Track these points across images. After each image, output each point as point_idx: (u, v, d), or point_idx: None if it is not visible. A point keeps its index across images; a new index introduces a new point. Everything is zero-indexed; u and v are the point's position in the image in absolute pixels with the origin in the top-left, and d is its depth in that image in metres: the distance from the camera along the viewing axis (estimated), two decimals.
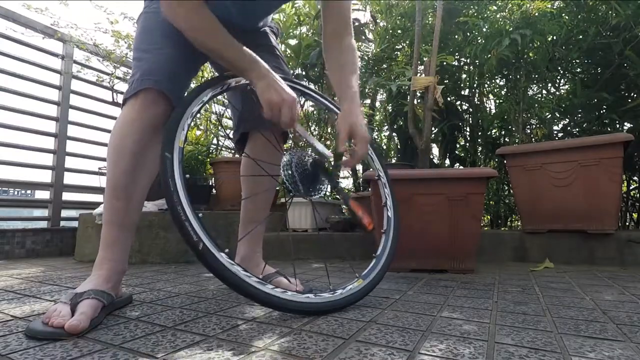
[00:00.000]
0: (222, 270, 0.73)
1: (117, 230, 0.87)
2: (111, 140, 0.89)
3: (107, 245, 0.86)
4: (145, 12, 0.98)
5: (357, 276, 0.95)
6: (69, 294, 0.75)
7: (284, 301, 0.77)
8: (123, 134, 0.87)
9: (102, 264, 0.85)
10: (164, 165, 0.76)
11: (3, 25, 2.07)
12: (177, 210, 0.73)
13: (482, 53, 2.15)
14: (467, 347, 0.62)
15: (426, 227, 1.44)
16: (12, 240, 2.02)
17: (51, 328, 0.67)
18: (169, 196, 0.74)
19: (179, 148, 0.79)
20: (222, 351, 0.60)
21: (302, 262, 1.76)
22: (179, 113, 0.83)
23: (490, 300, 0.98)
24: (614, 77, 2.16)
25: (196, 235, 0.73)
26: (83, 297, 0.75)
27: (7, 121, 2.04)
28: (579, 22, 2.18)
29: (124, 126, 0.88)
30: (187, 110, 0.84)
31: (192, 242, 0.72)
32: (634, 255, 1.62)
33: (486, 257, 1.79)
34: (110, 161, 0.88)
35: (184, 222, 0.73)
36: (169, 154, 0.77)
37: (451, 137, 2.68)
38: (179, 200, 0.74)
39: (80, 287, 0.79)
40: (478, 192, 1.41)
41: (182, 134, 0.81)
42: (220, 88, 0.92)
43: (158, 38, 0.93)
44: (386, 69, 2.75)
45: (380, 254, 1.03)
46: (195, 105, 0.86)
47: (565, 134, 2.50)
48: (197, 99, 0.87)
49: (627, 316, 0.82)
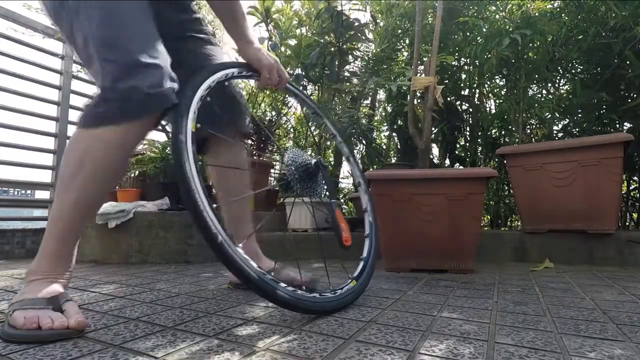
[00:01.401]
0: (240, 266, 0.70)
1: (74, 241, 0.79)
2: (96, 157, 0.75)
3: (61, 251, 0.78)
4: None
5: (349, 277, 0.97)
6: (40, 300, 0.69)
7: (297, 300, 0.75)
8: (110, 160, 0.76)
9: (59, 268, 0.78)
10: (178, 150, 0.71)
11: (3, 25, 2.07)
12: (195, 198, 0.69)
13: (482, 53, 2.15)
14: (467, 347, 0.62)
15: (426, 227, 1.44)
16: (12, 240, 2.02)
17: (52, 331, 0.65)
18: (186, 183, 0.69)
19: (191, 132, 0.75)
20: (222, 351, 0.60)
21: (303, 262, 1.76)
22: (190, 95, 0.79)
23: (490, 300, 0.98)
24: (613, 77, 2.16)
25: (215, 227, 0.69)
26: (64, 299, 0.72)
27: (7, 121, 2.04)
28: (578, 22, 2.18)
29: (115, 149, 0.76)
30: (198, 92, 0.81)
31: (210, 234, 0.68)
32: (634, 255, 1.62)
33: (486, 257, 1.79)
34: (91, 179, 0.76)
35: (202, 213, 0.68)
36: (183, 137, 0.72)
37: (451, 137, 2.68)
38: (197, 188, 0.70)
39: (46, 292, 0.72)
40: (478, 192, 1.41)
41: (193, 119, 0.77)
42: (225, 75, 0.92)
43: (153, 39, 0.80)
44: (386, 69, 2.75)
45: (367, 256, 1.06)
46: (204, 90, 0.84)
47: (565, 134, 2.50)
48: (205, 83, 0.84)
49: (627, 316, 0.82)
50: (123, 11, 0.77)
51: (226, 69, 0.93)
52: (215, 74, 0.89)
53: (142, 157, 2.21)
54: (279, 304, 0.74)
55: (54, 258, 0.76)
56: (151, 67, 0.75)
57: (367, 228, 1.13)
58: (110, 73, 0.74)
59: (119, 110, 0.74)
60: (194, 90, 0.82)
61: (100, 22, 0.76)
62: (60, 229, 0.76)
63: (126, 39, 0.76)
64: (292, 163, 0.93)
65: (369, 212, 1.15)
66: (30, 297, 0.70)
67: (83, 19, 0.77)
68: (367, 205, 1.17)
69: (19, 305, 0.69)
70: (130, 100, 0.73)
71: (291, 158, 0.94)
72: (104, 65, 0.74)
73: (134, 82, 0.73)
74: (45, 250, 0.76)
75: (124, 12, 0.78)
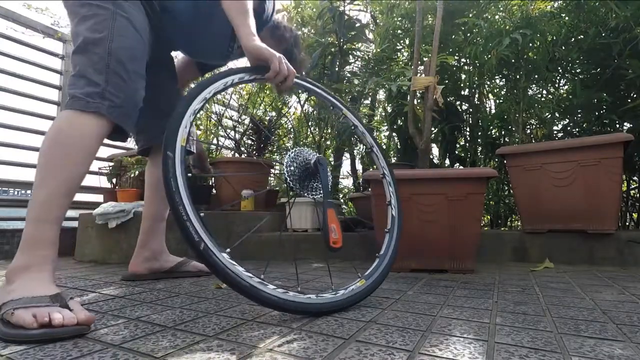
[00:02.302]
0: (222, 270, 0.73)
1: (55, 229, 0.82)
2: (68, 145, 0.86)
3: (48, 244, 0.81)
4: (116, 11, 0.94)
5: (359, 276, 0.95)
6: (43, 298, 0.69)
7: (285, 301, 0.76)
8: (87, 144, 0.88)
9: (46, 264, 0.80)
10: (165, 165, 0.75)
11: (3, 25, 2.07)
12: (179, 210, 0.73)
13: (482, 53, 2.15)
14: (467, 347, 0.62)
15: (426, 227, 1.44)
16: (12, 240, 2.02)
17: (64, 328, 0.65)
18: (171, 196, 0.74)
19: (180, 147, 0.79)
20: (222, 351, 0.60)
21: (303, 262, 1.76)
22: (181, 111, 0.82)
23: (490, 300, 0.98)
24: (613, 78, 2.16)
25: (197, 236, 0.73)
26: (68, 296, 0.73)
27: (7, 121, 2.04)
28: (579, 23, 2.18)
29: (90, 142, 0.89)
30: (189, 108, 0.83)
31: (194, 242, 0.72)
32: (634, 255, 1.62)
33: (486, 257, 1.79)
34: (69, 162, 0.85)
35: (185, 223, 0.73)
36: (171, 153, 0.77)
37: (451, 137, 2.68)
38: (181, 200, 0.74)
39: (39, 291, 0.72)
40: (478, 192, 1.41)
41: (184, 132, 0.81)
42: (223, 85, 0.92)
43: (136, 66, 0.97)
44: (386, 69, 2.75)
45: (384, 253, 1.02)
46: (197, 103, 0.85)
47: (565, 134, 2.50)
48: (199, 97, 0.86)
49: (627, 316, 0.82)
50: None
51: (225, 78, 0.92)
52: (212, 84, 0.89)
53: (142, 157, 2.22)
54: (267, 305, 0.76)
55: (30, 244, 0.79)
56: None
57: (389, 222, 1.09)
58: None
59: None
60: (187, 105, 0.83)
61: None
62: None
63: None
64: (292, 163, 0.93)
65: (392, 205, 1.11)
66: (29, 295, 0.69)
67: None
68: (391, 198, 1.13)
69: (17, 304, 0.67)
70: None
71: (291, 157, 0.93)
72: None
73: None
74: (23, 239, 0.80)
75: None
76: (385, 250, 1.03)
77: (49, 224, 0.80)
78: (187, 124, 0.82)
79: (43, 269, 0.77)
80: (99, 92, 0.88)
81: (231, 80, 0.94)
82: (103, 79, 0.89)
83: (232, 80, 0.94)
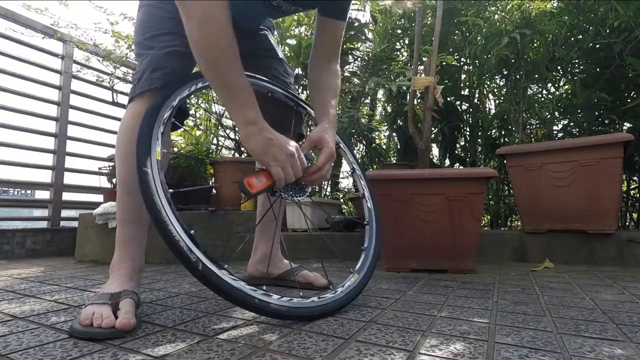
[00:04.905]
0: (227, 290, 0.69)
1: (132, 228, 0.86)
2: (119, 136, 0.87)
3: (125, 244, 0.86)
4: (146, 3, 0.95)
5: (351, 271, 0.95)
6: (100, 295, 0.74)
7: (289, 309, 0.75)
8: (130, 128, 0.83)
9: (122, 263, 0.84)
10: (143, 183, 0.70)
11: (3, 25, 2.07)
12: (169, 230, 0.67)
13: (482, 53, 2.15)
14: (467, 347, 0.62)
15: (426, 227, 1.44)
16: (12, 240, 2.02)
17: (100, 329, 0.66)
18: (155, 215, 0.68)
19: (156, 161, 0.74)
20: (222, 351, 0.60)
21: (302, 261, 1.76)
22: (149, 124, 0.77)
23: (490, 300, 0.98)
24: (613, 77, 2.16)
25: (193, 255, 0.68)
26: (122, 296, 0.74)
27: (7, 121, 2.04)
28: (578, 22, 2.18)
29: (131, 120, 0.85)
30: (157, 119, 0.79)
31: (191, 263, 0.67)
32: (634, 255, 1.62)
33: (486, 257, 1.79)
34: (119, 157, 0.86)
35: (178, 243, 0.67)
36: (147, 168, 0.71)
37: (451, 137, 2.68)
38: (168, 219, 0.68)
39: (109, 288, 0.77)
40: (478, 192, 1.41)
41: (157, 145, 0.76)
42: (188, 90, 0.88)
43: (162, 32, 0.90)
44: (386, 69, 2.75)
45: (367, 245, 1.02)
46: (166, 112, 0.81)
47: (565, 134, 2.50)
48: (166, 105, 0.82)
49: (627, 316, 0.82)
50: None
51: (189, 83, 0.88)
52: (178, 91, 0.85)
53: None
54: (276, 317, 0.75)
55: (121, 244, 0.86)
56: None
57: (366, 215, 1.08)
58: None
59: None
60: (154, 116, 0.79)
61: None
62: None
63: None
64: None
65: (367, 198, 1.11)
66: (101, 292, 0.76)
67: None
68: (364, 191, 1.12)
69: (92, 299, 0.74)
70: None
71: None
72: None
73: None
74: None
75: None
76: (368, 242, 1.03)
77: (126, 224, 0.87)
78: (159, 135, 0.78)
79: (122, 266, 0.84)
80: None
81: (194, 86, 0.90)
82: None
83: (195, 86, 0.90)
